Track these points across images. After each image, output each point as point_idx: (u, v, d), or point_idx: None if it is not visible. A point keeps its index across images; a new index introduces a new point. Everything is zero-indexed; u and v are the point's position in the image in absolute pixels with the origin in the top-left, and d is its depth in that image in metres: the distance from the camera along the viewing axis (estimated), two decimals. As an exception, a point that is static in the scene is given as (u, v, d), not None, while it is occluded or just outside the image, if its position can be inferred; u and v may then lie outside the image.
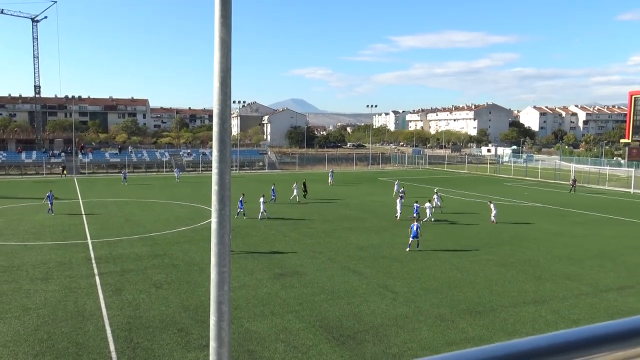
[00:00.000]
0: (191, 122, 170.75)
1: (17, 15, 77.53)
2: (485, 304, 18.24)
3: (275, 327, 15.85)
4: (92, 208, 39.32)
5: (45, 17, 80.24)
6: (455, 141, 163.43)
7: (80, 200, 43.47)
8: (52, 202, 36.22)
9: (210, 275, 3.01)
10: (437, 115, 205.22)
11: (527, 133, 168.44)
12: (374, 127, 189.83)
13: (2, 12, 75.16)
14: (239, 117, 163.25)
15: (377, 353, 14.16)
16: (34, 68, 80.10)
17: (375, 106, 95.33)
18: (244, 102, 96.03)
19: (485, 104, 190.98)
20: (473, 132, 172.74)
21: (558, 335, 1.01)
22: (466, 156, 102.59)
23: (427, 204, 34.60)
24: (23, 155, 74.28)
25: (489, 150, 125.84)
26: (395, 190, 46.61)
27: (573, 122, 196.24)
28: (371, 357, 13.95)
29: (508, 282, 20.84)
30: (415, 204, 33.82)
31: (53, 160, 74.13)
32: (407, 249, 26.08)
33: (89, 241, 27.77)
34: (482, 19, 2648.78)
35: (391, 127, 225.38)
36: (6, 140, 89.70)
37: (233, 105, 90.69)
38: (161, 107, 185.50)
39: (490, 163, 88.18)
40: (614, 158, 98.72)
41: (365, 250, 26.07)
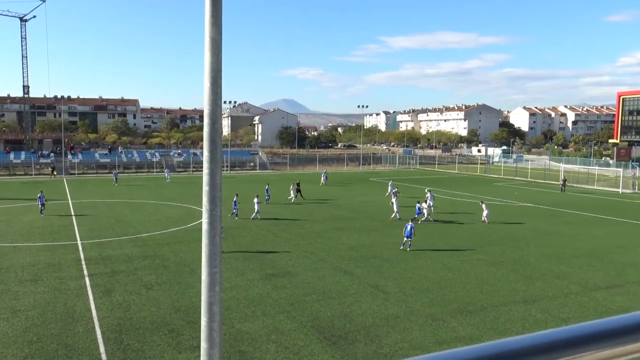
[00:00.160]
0: (182, 123, 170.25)
1: (5, 15, 76.80)
2: (476, 303, 18.33)
3: (267, 328, 15.83)
4: (81, 209, 39.06)
5: (34, 17, 79.42)
6: (446, 141, 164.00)
7: (70, 201, 43.16)
8: (43, 204, 36.01)
9: (201, 276, 3.00)
10: (427, 115, 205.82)
11: (517, 133, 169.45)
12: (365, 127, 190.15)
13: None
14: (229, 118, 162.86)
15: (369, 353, 14.18)
16: (23, 68, 79.35)
17: (367, 106, 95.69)
18: (234, 103, 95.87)
19: (475, 104, 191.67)
20: (463, 133, 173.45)
21: (548, 334, 1.01)
22: (457, 156, 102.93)
23: (424, 204, 35.21)
24: (12, 155, 73.50)
25: (479, 151, 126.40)
26: (389, 191, 46.66)
27: (562, 123, 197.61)
28: (363, 357, 13.97)
29: (498, 282, 20.96)
30: (417, 204, 34.86)
31: (42, 160, 73.48)
32: (401, 247, 26.30)
33: (79, 242, 27.58)
34: (474, 20, 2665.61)
35: (382, 127, 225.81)
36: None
37: (224, 106, 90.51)
38: (151, 107, 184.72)
39: (481, 163, 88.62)
40: (603, 158, 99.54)
41: (356, 251, 26.11)
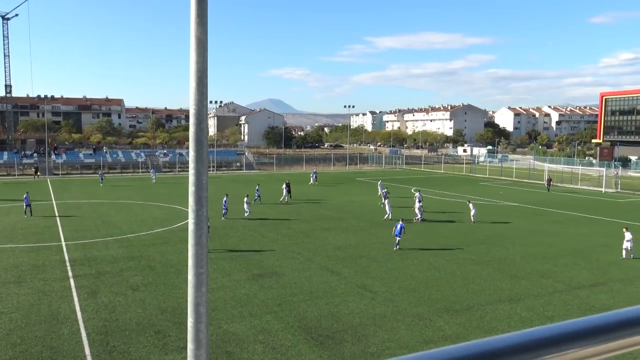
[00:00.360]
0: (167, 122, 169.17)
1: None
2: (462, 302, 18.45)
3: (254, 328, 15.79)
4: (66, 210, 38.64)
5: (16, 15, 78.50)
6: (432, 141, 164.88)
7: (54, 202, 42.68)
8: (29, 205, 35.58)
9: (187, 277, 2.98)
10: (413, 115, 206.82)
11: (502, 133, 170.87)
12: (352, 127, 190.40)
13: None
14: (216, 117, 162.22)
15: (356, 352, 14.21)
16: (5, 67, 78.71)
17: (353, 107, 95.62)
18: (221, 102, 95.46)
19: (461, 104, 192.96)
20: (449, 133, 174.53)
21: (533, 332, 1.02)
22: (443, 156, 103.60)
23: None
24: (-6, 156, 72.62)
25: (464, 151, 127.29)
26: (379, 191, 46.85)
27: (546, 123, 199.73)
28: (350, 356, 13.99)
29: (484, 281, 21.12)
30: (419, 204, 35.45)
31: (25, 161, 72.60)
32: (395, 248, 26.25)
33: (63, 243, 27.28)
34: (459, 20, 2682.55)
35: (368, 127, 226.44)
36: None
37: (210, 106, 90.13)
38: (137, 107, 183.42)
39: (466, 163, 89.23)
40: (586, 158, 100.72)
41: (343, 251, 26.14)
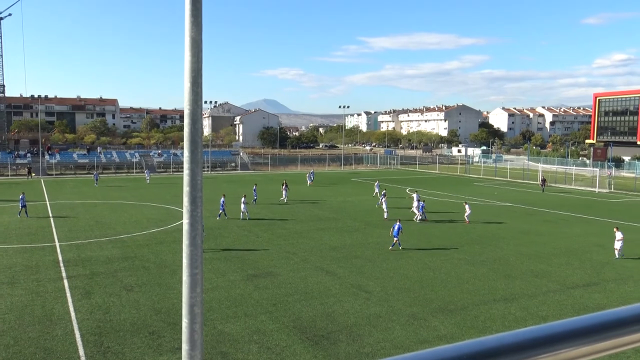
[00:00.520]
0: (162, 123, 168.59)
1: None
2: (456, 302, 18.50)
3: (249, 329, 15.77)
4: (59, 210, 38.47)
5: (10, 15, 78.13)
6: (427, 142, 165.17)
7: (48, 202, 42.48)
8: (24, 205, 35.37)
9: (182, 278, 2.98)
10: (408, 116, 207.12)
11: (496, 134, 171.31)
12: (346, 127, 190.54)
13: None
14: (210, 118, 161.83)
15: (351, 353, 14.22)
16: (-2, 66, 78.02)
17: (348, 107, 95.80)
18: (215, 103, 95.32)
19: (455, 105, 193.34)
20: (444, 133, 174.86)
21: (527, 332, 1.03)
22: (437, 156, 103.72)
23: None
24: (-13, 156, 72.23)
25: (459, 151, 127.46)
26: (375, 191, 47.32)
27: (540, 123, 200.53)
28: (345, 356, 14.00)
29: (479, 281, 21.17)
30: (421, 203, 35.53)
31: (18, 161, 72.27)
32: (397, 247, 26.40)
33: (57, 244, 27.16)
34: (453, 21, 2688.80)
35: (363, 127, 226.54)
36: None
37: (204, 106, 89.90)
38: (131, 107, 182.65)
39: (461, 163, 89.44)
40: (580, 158, 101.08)
41: (338, 251, 26.15)
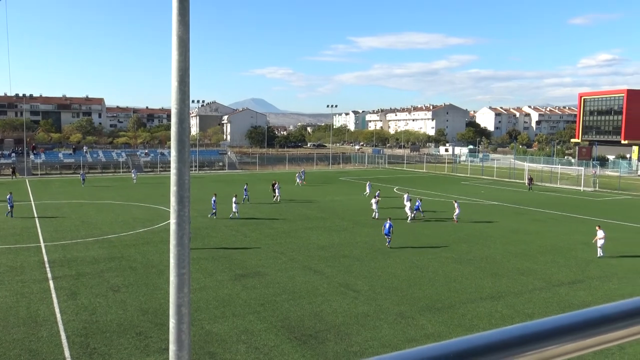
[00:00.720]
0: (149, 122, 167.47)
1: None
2: (444, 300, 18.60)
3: (237, 329, 15.73)
4: (45, 210, 38.06)
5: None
6: (414, 141, 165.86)
7: (33, 203, 42.01)
8: (12, 205, 34.93)
9: (169, 278, 2.96)
10: (396, 115, 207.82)
11: (483, 133, 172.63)
12: (335, 127, 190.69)
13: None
14: (198, 117, 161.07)
15: (339, 352, 14.24)
16: (-18, 65, 76.97)
17: (336, 106, 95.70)
18: (203, 102, 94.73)
19: (442, 104, 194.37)
20: (431, 132, 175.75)
21: (513, 329, 1.03)
22: (425, 156, 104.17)
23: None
24: (-30, 156, 71.26)
25: (446, 150, 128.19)
26: (367, 191, 47.68)
27: (526, 123, 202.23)
28: (333, 355, 14.02)
29: (466, 279, 21.31)
30: (417, 201, 35.93)
31: (3, 161, 71.39)
32: (387, 244, 26.67)
33: (42, 244, 26.87)
34: (441, 21, 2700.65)
35: (351, 127, 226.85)
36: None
37: (192, 105, 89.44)
38: (117, 107, 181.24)
39: (448, 162, 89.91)
40: (565, 157, 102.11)
41: (326, 250, 26.17)
